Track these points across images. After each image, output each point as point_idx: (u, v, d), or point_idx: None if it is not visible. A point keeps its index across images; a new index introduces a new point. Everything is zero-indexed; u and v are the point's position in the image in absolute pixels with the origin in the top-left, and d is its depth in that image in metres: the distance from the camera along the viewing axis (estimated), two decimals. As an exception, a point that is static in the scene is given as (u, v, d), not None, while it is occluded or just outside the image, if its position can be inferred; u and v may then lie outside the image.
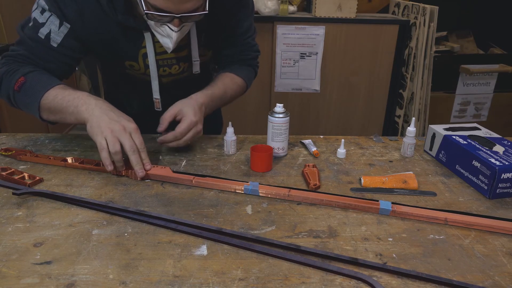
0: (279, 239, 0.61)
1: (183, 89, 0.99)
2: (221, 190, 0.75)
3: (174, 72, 0.98)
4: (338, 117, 2.35)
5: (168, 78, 1.00)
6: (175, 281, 0.52)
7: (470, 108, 2.54)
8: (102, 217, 0.66)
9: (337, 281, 0.53)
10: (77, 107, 0.79)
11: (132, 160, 0.76)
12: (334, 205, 0.71)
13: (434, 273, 0.55)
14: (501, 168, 0.71)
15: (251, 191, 0.73)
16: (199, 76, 1.03)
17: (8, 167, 0.80)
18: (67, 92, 0.81)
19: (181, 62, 0.97)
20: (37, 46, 0.85)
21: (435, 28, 2.10)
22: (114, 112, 0.78)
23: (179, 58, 0.96)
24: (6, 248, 0.58)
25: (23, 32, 0.86)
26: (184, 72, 1.00)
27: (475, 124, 0.93)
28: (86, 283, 0.52)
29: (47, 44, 0.84)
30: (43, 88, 0.82)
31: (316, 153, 0.90)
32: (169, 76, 0.99)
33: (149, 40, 0.88)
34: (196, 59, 0.96)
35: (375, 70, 2.25)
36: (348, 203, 0.70)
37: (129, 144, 0.75)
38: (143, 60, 0.93)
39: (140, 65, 0.94)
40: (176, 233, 0.63)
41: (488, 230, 0.64)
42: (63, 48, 0.86)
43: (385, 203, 0.69)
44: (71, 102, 0.79)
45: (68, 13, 0.82)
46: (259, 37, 1.17)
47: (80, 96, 0.80)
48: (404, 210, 0.67)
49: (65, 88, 0.83)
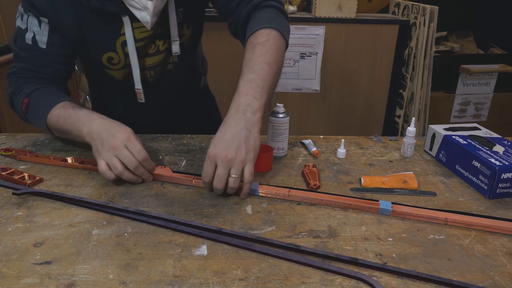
0: (279, 239, 0.61)
1: (167, 83, 0.96)
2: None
3: (150, 51, 0.90)
4: (338, 117, 2.35)
5: (150, 71, 0.94)
6: (175, 281, 0.52)
7: (470, 108, 2.53)
8: (102, 217, 0.66)
9: (337, 281, 0.53)
10: (79, 131, 0.77)
11: (137, 174, 0.74)
12: (334, 205, 0.71)
13: (434, 273, 0.55)
14: (501, 168, 0.71)
15: (251, 191, 0.73)
16: (183, 67, 0.96)
17: (8, 167, 0.80)
18: (67, 113, 0.79)
19: (157, 40, 0.90)
20: (30, 55, 0.84)
21: (435, 28, 2.10)
22: (108, 128, 0.74)
23: (156, 35, 0.88)
24: (6, 248, 0.58)
25: (16, 46, 0.86)
26: (162, 52, 0.92)
27: (475, 124, 0.93)
28: (86, 283, 0.52)
29: (36, 48, 0.83)
30: (45, 110, 0.81)
31: (316, 153, 0.90)
32: (151, 68, 0.94)
33: (128, 25, 0.82)
34: (176, 39, 0.88)
35: (375, 70, 2.25)
36: (348, 203, 0.70)
37: (128, 160, 0.71)
38: (122, 49, 0.87)
39: (120, 55, 0.88)
40: (176, 233, 0.63)
41: (488, 230, 0.64)
42: (52, 47, 0.83)
43: (385, 203, 0.69)
44: (73, 125, 0.78)
45: (39, 6, 0.79)
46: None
47: (80, 117, 0.78)
48: (404, 210, 0.68)
49: (65, 107, 0.81)
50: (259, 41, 0.78)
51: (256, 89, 0.72)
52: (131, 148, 0.72)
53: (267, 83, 0.74)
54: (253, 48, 0.78)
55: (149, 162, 0.75)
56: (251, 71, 0.75)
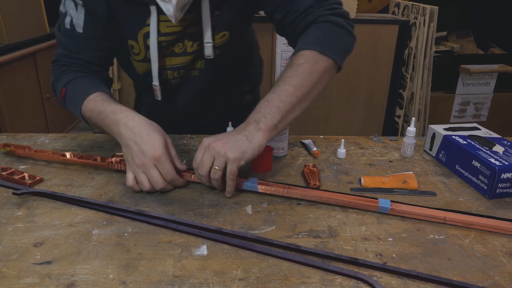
0: (279, 239, 0.61)
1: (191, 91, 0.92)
2: (221, 190, 0.75)
3: (177, 51, 0.86)
4: (338, 117, 2.35)
5: (174, 72, 0.89)
6: (175, 281, 0.52)
7: (470, 108, 2.54)
8: (102, 217, 0.66)
9: (337, 281, 0.53)
10: (110, 129, 0.76)
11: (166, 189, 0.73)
12: (333, 202, 0.70)
13: (434, 273, 0.55)
14: (501, 168, 0.71)
15: (250, 187, 0.73)
16: (210, 78, 0.89)
17: (8, 167, 0.80)
18: (97, 108, 0.77)
19: (185, 40, 0.85)
20: (68, 40, 0.83)
21: (435, 28, 2.10)
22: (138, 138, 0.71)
23: (185, 34, 0.83)
24: (6, 248, 0.58)
25: (59, 32, 0.85)
26: (188, 54, 0.88)
27: (475, 124, 0.93)
28: (86, 283, 0.52)
29: (74, 33, 0.81)
30: (78, 103, 0.80)
31: (316, 153, 0.90)
32: (174, 69, 0.89)
33: (154, 16, 0.79)
34: (209, 41, 0.82)
35: (375, 70, 2.25)
36: (348, 200, 0.70)
37: (155, 181, 0.70)
38: (143, 41, 0.84)
39: (140, 45, 0.85)
40: (176, 233, 0.63)
41: (487, 230, 0.64)
42: (88, 32, 0.82)
43: (384, 201, 0.69)
44: (104, 122, 0.77)
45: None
46: (258, 37, 1.14)
47: (108, 115, 0.75)
48: (403, 208, 0.68)
49: (95, 100, 0.79)
50: (295, 63, 0.75)
51: (271, 108, 0.71)
52: (160, 168, 0.70)
53: (284, 105, 0.71)
54: (287, 68, 0.76)
55: (177, 181, 0.73)
56: (274, 90, 0.73)
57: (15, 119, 2.27)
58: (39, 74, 2.53)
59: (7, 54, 2.20)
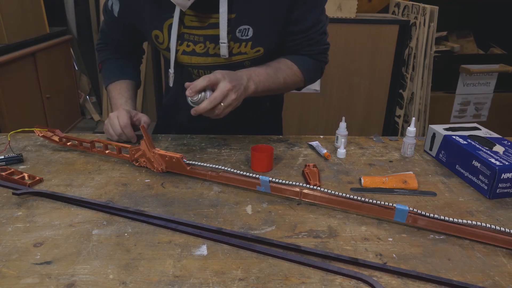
0: (279, 239, 0.61)
1: None
2: (221, 190, 0.75)
3: (198, 50, 0.92)
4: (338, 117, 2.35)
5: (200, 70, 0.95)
6: (175, 281, 0.52)
7: (470, 108, 2.54)
8: (102, 217, 0.66)
9: (337, 281, 0.53)
10: (111, 107, 1.02)
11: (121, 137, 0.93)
12: (345, 206, 0.68)
13: (434, 273, 0.55)
14: (501, 168, 0.71)
15: (263, 187, 0.73)
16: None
17: (8, 167, 0.80)
18: (111, 94, 1.02)
19: (207, 41, 0.91)
20: (108, 20, 1.00)
21: (435, 28, 2.10)
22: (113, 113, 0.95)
23: (206, 36, 0.91)
24: (6, 248, 0.58)
25: (105, 13, 1.00)
26: (210, 56, 0.93)
27: (475, 124, 0.93)
28: (86, 283, 0.52)
29: (112, 15, 0.96)
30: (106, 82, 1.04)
31: (327, 155, 0.89)
32: (197, 68, 0.95)
33: (178, 8, 0.86)
34: (224, 41, 0.88)
35: (375, 70, 2.25)
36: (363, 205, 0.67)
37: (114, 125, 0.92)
38: (168, 31, 0.90)
39: (164, 35, 0.92)
40: (176, 233, 0.63)
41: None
42: (123, 17, 0.95)
43: (401, 210, 0.64)
44: (110, 103, 1.03)
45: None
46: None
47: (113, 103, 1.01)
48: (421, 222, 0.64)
49: (115, 87, 1.02)
50: (283, 62, 0.96)
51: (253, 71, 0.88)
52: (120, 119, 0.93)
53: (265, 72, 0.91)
54: (281, 64, 0.95)
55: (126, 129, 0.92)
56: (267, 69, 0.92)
57: (15, 119, 2.27)
58: (39, 74, 2.53)
59: (7, 54, 2.20)
